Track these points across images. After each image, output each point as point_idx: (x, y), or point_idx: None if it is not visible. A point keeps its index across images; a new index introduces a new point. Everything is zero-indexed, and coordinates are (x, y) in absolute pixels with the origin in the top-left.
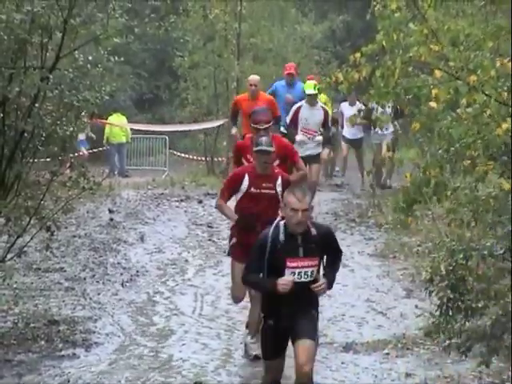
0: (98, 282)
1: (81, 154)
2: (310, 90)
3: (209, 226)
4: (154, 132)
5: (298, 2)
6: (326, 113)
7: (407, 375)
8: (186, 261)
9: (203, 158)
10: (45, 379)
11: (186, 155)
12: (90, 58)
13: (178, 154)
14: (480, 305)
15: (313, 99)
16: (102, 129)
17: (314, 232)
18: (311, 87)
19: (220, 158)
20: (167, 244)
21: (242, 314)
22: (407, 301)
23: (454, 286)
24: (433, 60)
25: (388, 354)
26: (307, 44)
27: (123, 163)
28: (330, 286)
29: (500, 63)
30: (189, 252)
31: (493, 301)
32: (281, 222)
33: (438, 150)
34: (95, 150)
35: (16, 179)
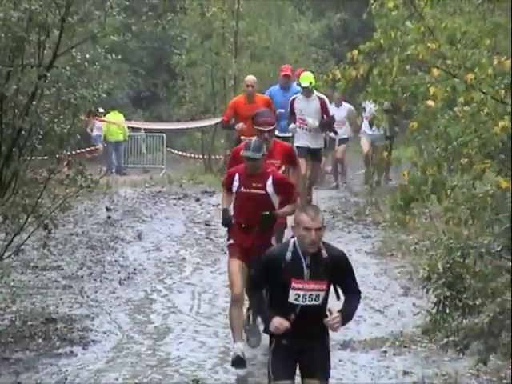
0: (95, 280)
1: (96, 148)
2: (305, 82)
3: (206, 224)
4: (152, 130)
5: (295, 0)
6: (322, 102)
7: (405, 373)
8: (184, 259)
9: (201, 156)
10: (42, 377)
11: (184, 153)
12: (88, 55)
13: (176, 151)
14: (477, 302)
15: (308, 91)
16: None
17: (324, 254)
18: (307, 79)
19: (217, 156)
20: (165, 242)
21: None
22: (405, 299)
23: (452, 284)
24: (430, 58)
25: (385, 351)
26: (304, 42)
27: (120, 161)
28: (345, 322)
29: (497, 61)
30: (186, 250)
31: (490, 298)
32: (292, 239)
33: (436, 149)
34: (93, 148)
35: (13, 177)
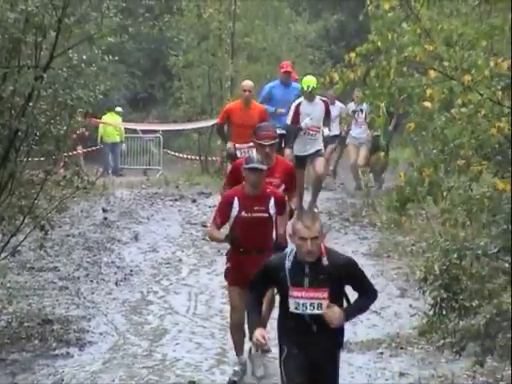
0: (91, 281)
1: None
2: (307, 87)
3: (203, 226)
4: (148, 131)
5: (292, 1)
6: (326, 104)
7: (401, 374)
8: (180, 260)
9: (197, 158)
10: (39, 378)
11: (180, 154)
12: (84, 57)
13: (172, 153)
14: (474, 304)
15: (310, 95)
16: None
17: (325, 262)
18: (310, 83)
19: (214, 158)
20: (161, 243)
21: None
22: (401, 300)
23: (448, 286)
24: (427, 60)
25: (382, 353)
26: (301, 43)
27: (117, 162)
28: (347, 318)
29: (494, 63)
30: (183, 251)
31: (487, 300)
32: (292, 247)
33: (433, 150)
34: (89, 149)
35: (10, 178)
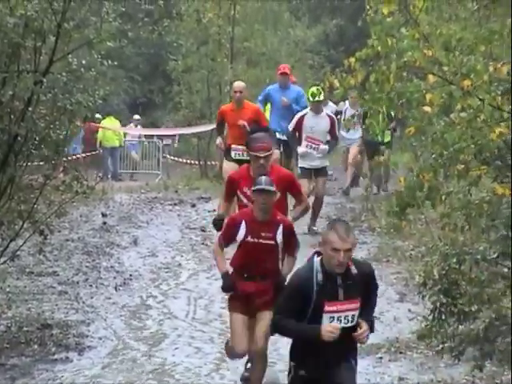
0: (91, 285)
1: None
2: (314, 95)
3: (202, 230)
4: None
5: (291, 5)
6: (332, 121)
7: (400, 379)
8: (180, 265)
9: (196, 162)
10: (38, 383)
11: (180, 159)
12: (84, 61)
13: (172, 157)
14: (473, 309)
15: (318, 107)
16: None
17: (354, 271)
18: (314, 92)
19: (213, 162)
20: (160, 248)
21: None
22: (400, 305)
23: (447, 290)
24: (427, 65)
25: (381, 357)
26: (300, 48)
27: (116, 167)
28: (372, 329)
29: (493, 67)
30: (182, 256)
31: (486, 305)
32: (316, 258)
33: (432, 155)
34: (88, 154)
35: (9, 183)
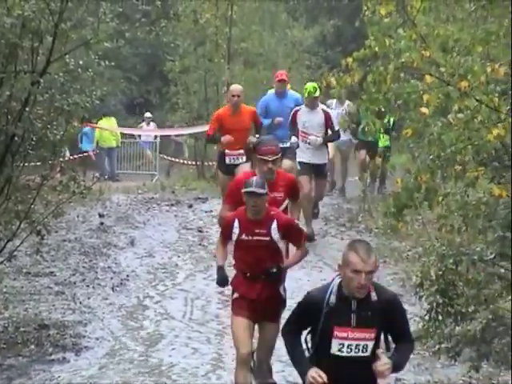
0: (88, 286)
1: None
2: (311, 93)
3: (199, 231)
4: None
5: (288, 6)
6: (327, 115)
7: (397, 380)
8: (177, 265)
9: (193, 163)
10: (35, 383)
11: (176, 159)
12: (81, 62)
13: (169, 158)
14: (470, 309)
15: (313, 102)
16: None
17: (374, 297)
18: (309, 89)
19: (210, 163)
20: (157, 248)
21: None
22: None
23: (444, 291)
24: (424, 65)
25: None
26: (298, 49)
27: (113, 167)
28: (396, 370)
29: (491, 68)
30: (179, 256)
31: (483, 305)
32: (337, 279)
33: (429, 156)
34: (85, 154)
35: (6, 183)
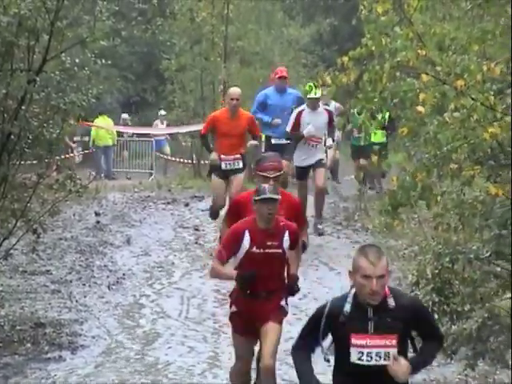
0: (84, 284)
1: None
2: (311, 93)
3: (195, 229)
4: (141, 135)
5: (285, 5)
6: (330, 114)
7: None
8: (173, 264)
9: (190, 161)
10: (31, 382)
11: (173, 158)
12: (77, 60)
13: (165, 156)
14: (466, 308)
15: (314, 103)
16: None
17: (391, 303)
18: (312, 90)
19: (206, 161)
20: (154, 247)
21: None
22: None
23: (440, 290)
24: (420, 64)
25: None
26: (294, 47)
27: (110, 166)
28: (414, 371)
29: (487, 67)
30: (175, 255)
31: (479, 304)
32: (353, 290)
33: (425, 154)
34: (81, 153)
35: (2, 181)
